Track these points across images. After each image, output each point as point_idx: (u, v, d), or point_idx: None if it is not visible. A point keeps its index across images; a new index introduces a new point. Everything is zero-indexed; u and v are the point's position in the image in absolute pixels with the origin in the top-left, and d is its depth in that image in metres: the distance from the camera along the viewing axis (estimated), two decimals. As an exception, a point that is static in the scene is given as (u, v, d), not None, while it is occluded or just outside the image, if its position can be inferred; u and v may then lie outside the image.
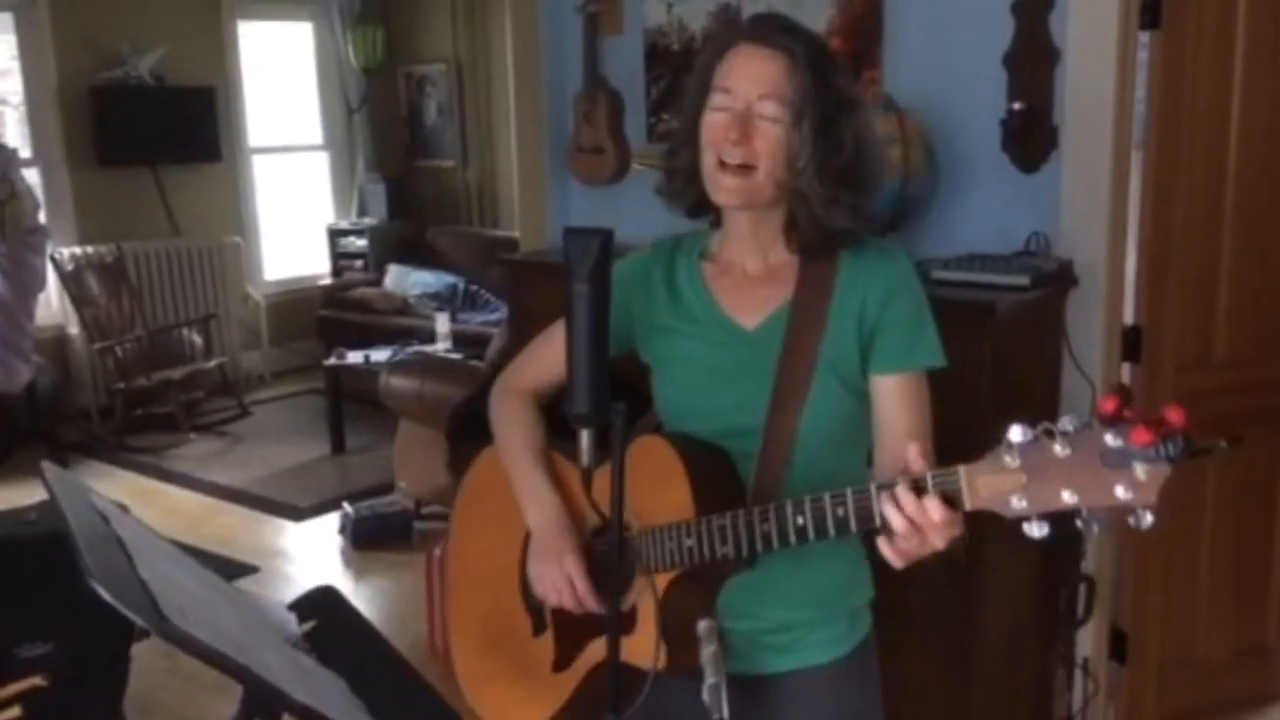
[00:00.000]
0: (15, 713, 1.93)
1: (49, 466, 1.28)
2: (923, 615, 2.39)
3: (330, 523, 4.92)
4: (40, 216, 5.40)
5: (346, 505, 4.81)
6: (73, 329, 6.58)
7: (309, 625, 1.37)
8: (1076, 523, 1.09)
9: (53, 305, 6.53)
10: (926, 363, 1.51)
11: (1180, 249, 2.84)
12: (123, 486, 5.37)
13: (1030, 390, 2.72)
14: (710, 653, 1.31)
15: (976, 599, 2.52)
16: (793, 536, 1.33)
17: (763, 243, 1.55)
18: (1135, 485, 1.04)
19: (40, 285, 5.47)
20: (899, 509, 1.20)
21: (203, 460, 5.97)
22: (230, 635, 1.11)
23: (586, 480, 1.36)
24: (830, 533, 1.30)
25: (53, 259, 6.08)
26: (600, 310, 1.31)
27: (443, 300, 6.99)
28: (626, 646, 1.45)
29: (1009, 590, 2.69)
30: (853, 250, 1.52)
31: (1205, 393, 2.91)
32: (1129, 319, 2.85)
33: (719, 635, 1.37)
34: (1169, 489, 2.92)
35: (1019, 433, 1.11)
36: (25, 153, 6.28)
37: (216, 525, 4.99)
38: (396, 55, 8.06)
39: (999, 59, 2.77)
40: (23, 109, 6.54)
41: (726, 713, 1.27)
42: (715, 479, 1.47)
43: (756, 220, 1.53)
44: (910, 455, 1.23)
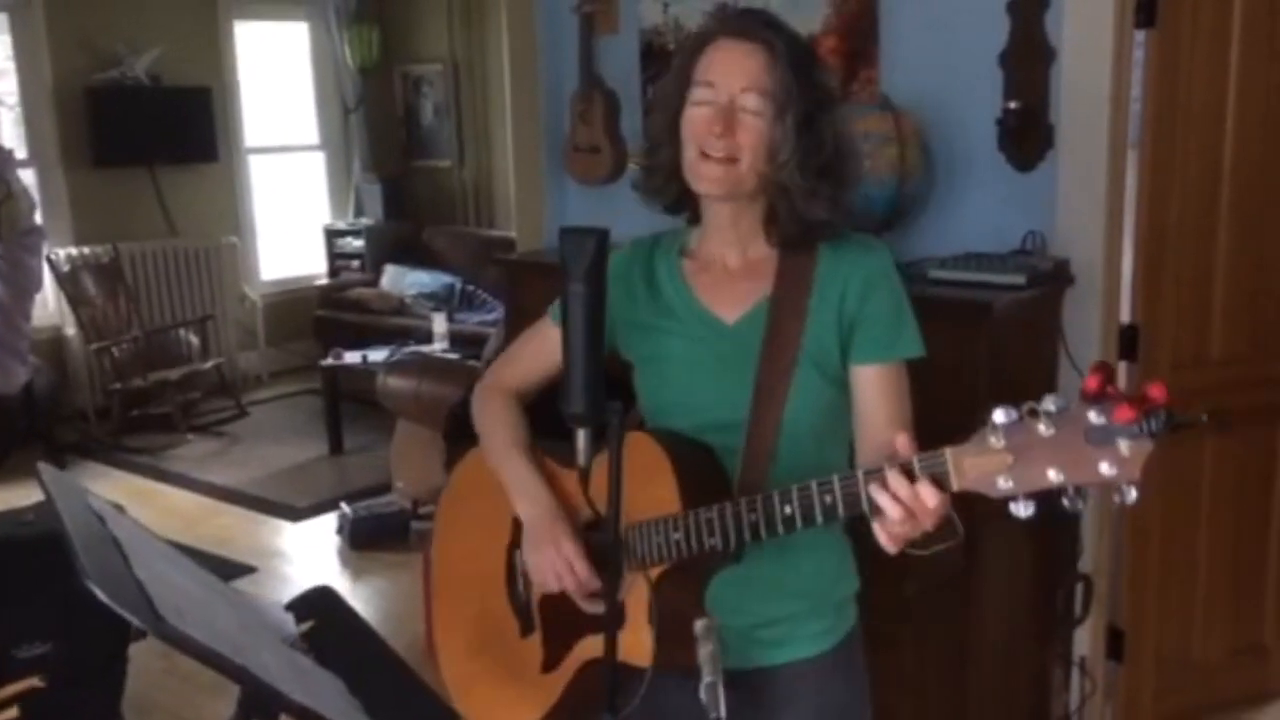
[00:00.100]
0: (13, 714, 1.93)
1: (45, 468, 1.28)
2: (920, 614, 2.39)
3: (328, 523, 4.91)
4: (36, 217, 5.37)
5: (344, 505, 4.81)
6: (69, 330, 6.58)
7: (306, 625, 1.37)
8: (1063, 501, 1.10)
9: (49, 306, 6.52)
10: (907, 353, 1.53)
11: (1176, 247, 2.84)
12: (120, 487, 5.37)
13: (1027, 389, 2.70)
14: (708, 652, 1.31)
15: (974, 598, 2.52)
16: (780, 526, 1.34)
17: (742, 236, 1.56)
18: (1119, 462, 1.05)
19: (37, 286, 5.43)
20: (892, 495, 1.21)
21: (200, 461, 5.96)
22: (227, 636, 1.11)
23: (584, 479, 1.36)
24: (818, 520, 1.31)
25: (49, 260, 6.07)
26: (596, 310, 1.31)
27: (439, 300, 6.99)
28: (620, 643, 1.45)
29: (1006, 590, 2.69)
30: (831, 244, 1.53)
31: (1201, 390, 2.91)
32: (1125, 317, 2.85)
33: (716, 634, 1.37)
34: (1168, 487, 2.90)
35: (1003, 414, 1.12)
36: (21, 153, 6.27)
37: (213, 526, 4.99)
38: (392, 55, 8.06)
39: (995, 58, 2.77)
40: (18, 109, 6.53)
41: (724, 711, 1.27)
42: (701, 474, 1.48)
43: (737, 213, 1.54)
44: (899, 442, 1.24)
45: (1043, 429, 1.09)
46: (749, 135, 1.45)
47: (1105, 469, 1.05)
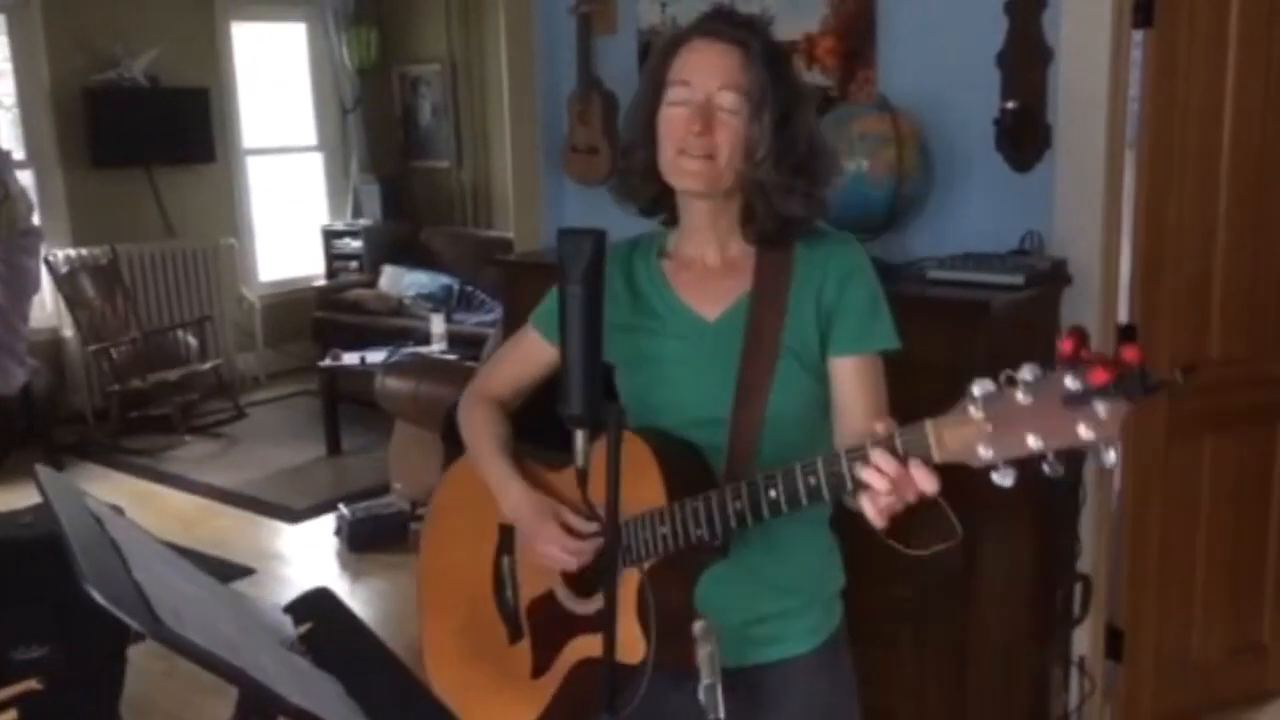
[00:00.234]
0: (12, 716, 1.93)
1: (43, 469, 1.28)
2: (920, 614, 2.39)
3: (326, 524, 4.91)
4: (34, 219, 5.40)
5: (342, 507, 4.81)
6: (67, 331, 6.57)
7: (305, 627, 1.37)
8: (1044, 467, 1.10)
9: (47, 307, 6.51)
10: (883, 345, 1.54)
11: (1174, 247, 2.84)
12: (118, 489, 5.36)
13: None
14: (706, 653, 1.31)
15: (973, 598, 2.52)
16: (766, 510, 1.35)
17: (721, 234, 1.58)
18: (1097, 424, 1.06)
19: (35, 287, 5.47)
20: (876, 469, 1.22)
21: (198, 462, 5.96)
22: (225, 638, 1.11)
23: (583, 480, 1.36)
24: (803, 502, 1.32)
25: (47, 261, 6.07)
26: (594, 311, 1.31)
27: (438, 301, 6.99)
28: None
29: (1005, 589, 2.69)
30: (807, 240, 1.56)
31: (1200, 390, 2.91)
32: (1123, 317, 2.86)
33: (715, 636, 1.37)
34: (1168, 487, 2.90)
35: (981, 385, 1.13)
36: (19, 154, 6.27)
37: (212, 527, 4.99)
38: (391, 56, 8.06)
39: (992, 58, 2.77)
40: (16, 111, 6.52)
41: (722, 713, 1.27)
42: (687, 470, 1.49)
43: (714, 211, 1.55)
44: (879, 425, 1.26)
45: (1020, 397, 1.10)
46: (726, 133, 1.47)
47: (1083, 432, 1.06)
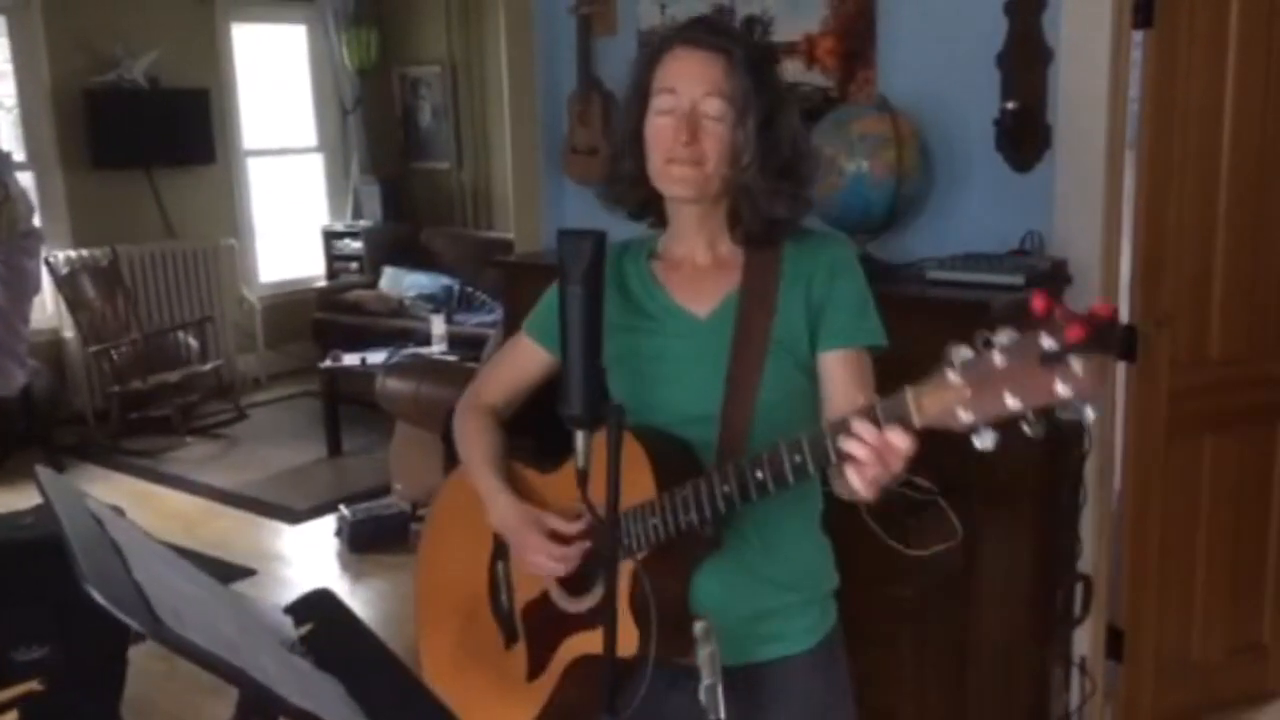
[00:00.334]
0: (12, 716, 1.93)
1: (44, 470, 1.28)
2: (920, 615, 2.39)
3: (327, 525, 4.91)
4: (35, 220, 5.40)
5: (343, 508, 4.81)
6: (68, 332, 6.57)
7: (306, 628, 1.37)
8: (1024, 427, 1.11)
9: (48, 309, 6.52)
10: (871, 341, 1.56)
11: (1174, 247, 2.84)
12: (119, 490, 5.36)
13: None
14: (707, 653, 1.31)
15: (974, 598, 2.52)
16: (753, 491, 1.36)
17: (710, 235, 1.60)
18: (1073, 380, 1.06)
19: (35, 289, 5.47)
20: (858, 439, 1.22)
21: (199, 463, 5.96)
22: (226, 638, 1.11)
23: (583, 480, 1.36)
24: (789, 479, 1.33)
25: (47, 262, 6.07)
26: (594, 311, 1.32)
27: (438, 302, 6.98)
28: (599, 638, 1.46)
29: (1006, 590, 2.69)
30: (795, 239, 1.58)
31: (1200, 390, 2.91)
32: (1124, 318, 2.85)
33: (715, 636, 1.37)
34: (1168, 487, 2.88)
35: (960, 351, 1.14)
36: (19, 156, 6.27)
37: (212, 528, 4.99)
38: (391, 57, 8.06)
39: (992, 58, 2.77)
40: (16, 112, 6.53)
41: (723, 713, 1.27)
42: (678, 465, 1.49)
43: (703, 214, 1.57)
44: (860, 398, 1.28)
45: (998, 359, 1.10)
46: (712, 141, 1.49)
47: (1060, 389, 1.06)
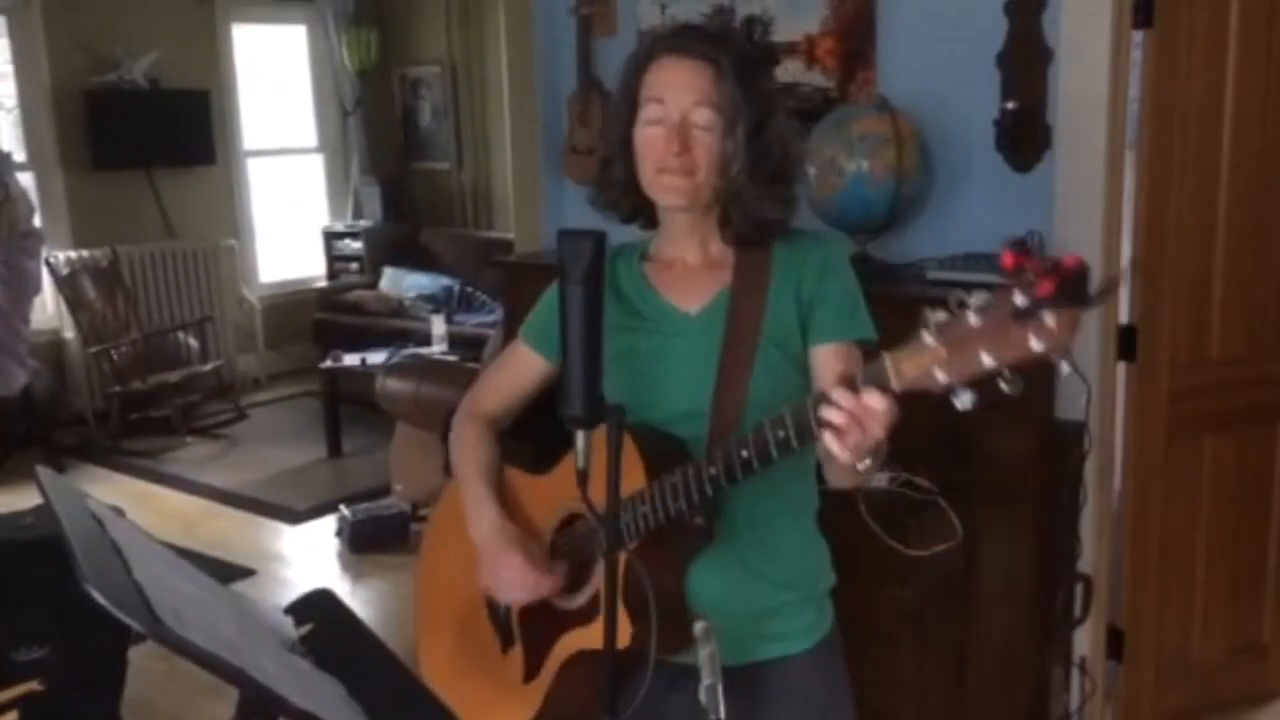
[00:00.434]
0: (13, 717, 1.93)
1: (44, 471, 1.28)
2: (920, 615, 2.39)
3: (327, 525, 4.91)
4: (35, 220, 5.40)
5: (343, 508, 4.80)
6: (68, 333, 6.57)
7: (306, 629, 1.37)
8: (1001, 385, 1.11)
9: (48, 309, 6.52)
10: (862, 335, 1.56)
11: (1174, 247, 2.84)
12: (119, 490, 5.36)
13: (1025, 390, 2.72)
14: (707, 653, 1.31)
15: (974, 599, 2.52)
16: (739, 470, 1.37)
17: (701, 237, 1.61)
18: (1048, 334, 1.06)
19: (35, 289, 5.47)
20: (837, 405, 1.23)
21: (199, 463, 5.96)
22: (226, 639, 1.11)
23: (583, 480, 1.36)
24: (773, 455, 1.33)
25: (48, 263, 6.07)
26: (594, 312, 1.32)
27: (438, 302, 6.98)
28: (594, 634, 1.47)
29: (1006, 590, 2.69)
30: (785, 239, 1.59)
31: (1200, 390, 2.92)
32: (1124, 318, 2.86)
33: (715, 636, 1.37)
34: (1168, 487, 2.88)
35: (935, 314, 1.14)
36: (19, 156, 6.27)
37: (212, 529, 4.99)
38: (391, 57, 8.06)
39: (992, 59, 2.77)
40: (16, 112, 6.53)
41: (723, 713, 1.27)
42: (670, 460, 1.50)
43: (694, 219, 1.59)
44: (838, 367, 1.28)
45: (972, 319, 1.11)
46: (703, 151, 1.50)
47: (1034, 343, 1.07)
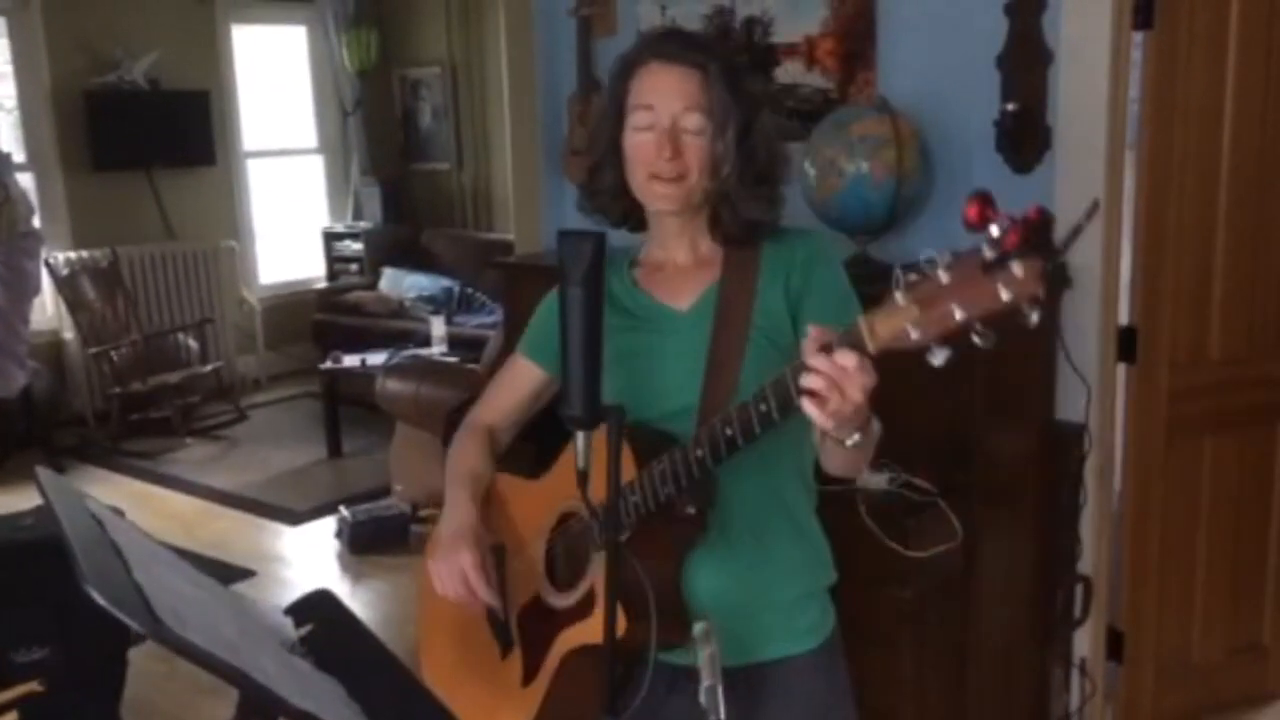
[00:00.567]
0: (12, 718, 1.94)
1: (44, 472, 1.28)
2: (920, 616, 2.39)
3: (327, 526, 4.91)
4: (35, 221, 5.39)
5: (343, 509, 4.81)
6: (68, 334, 6.57)
7: (306, 629, 1.37)
8: (974, 339, 1.11)
9: (48, 310, 6.52)
10: None
11: (1174, 249, 2.84)
12: (119, 491, 5.36)
13: (1025, 391, 2.72)
14: (707, 655, 1.31)
15: (974, 600, 2.52)
16: (724, 448, 1.37)
17: (691, 238, 1.63)
18: (1015, 283, 1.07)
19: (35, 290, 5.45)
20: (814, 370, 1.22)
21: (199, 464, 5.96)
22: (226, 639, 1.11)
23: (583, 481, 1.36)
24: (757, 431, 1.33)
25: (47, 264, 6.07)
26: (593, 313, 1.32)
27: (438, 303, 6.99)
28: (589, 629, 1.48)
29: (1006, 591, 2.69)
30: (773, 237, 1.61)
31: (1200, 391, 2.92)
32: (1124, 319, 2.86)
33: (716, 637, 1.37)
34: (1168, 488, 2.88)
35: (906, 275, 1.14)
36: (19, 157, 6.26)
37: (212, 530, 4.99)
38: (391, 58, 8.06)
39: (992, 60, 2.77)
40: (16, 113, 6.53)
41: (723, 714, 1.27)
42: (658, 453, 1.49)
43: (684, 222, 1.61)
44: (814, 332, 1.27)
45: (943, 275, 1.11)
46: (694, 154, 1.52)
47: (1004, 293, 1.07)
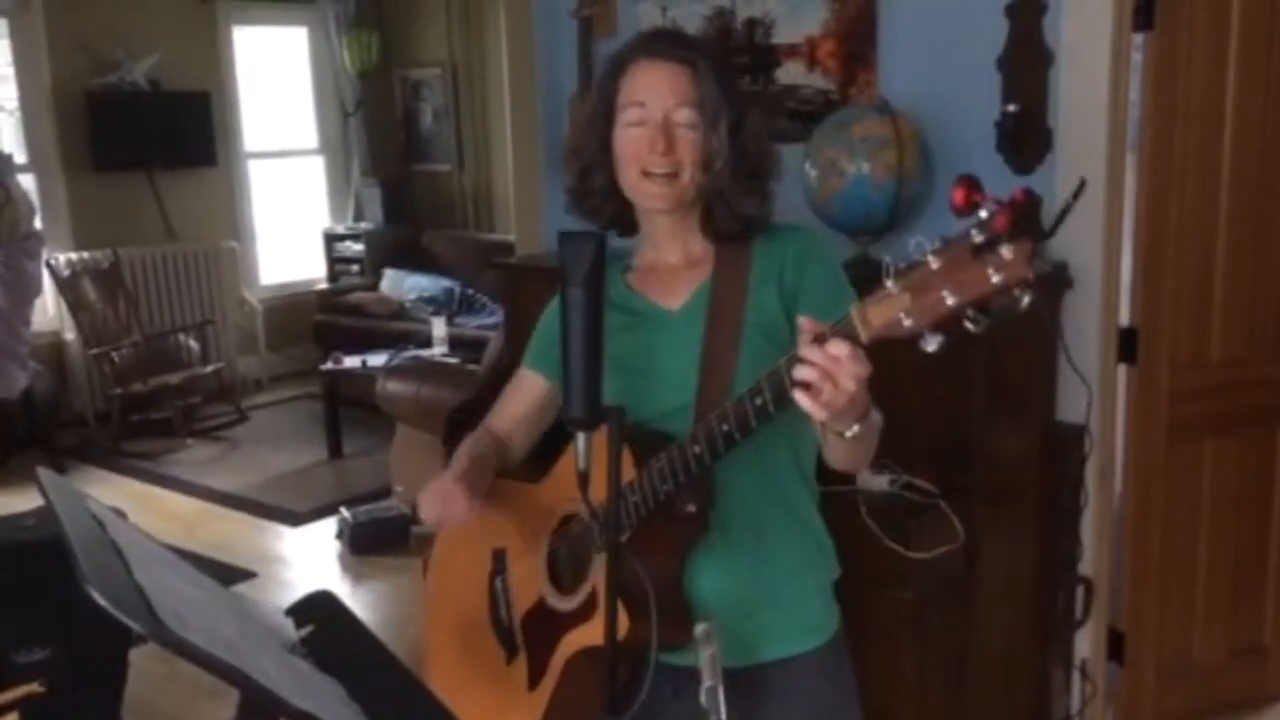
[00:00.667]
0: (13, 719, 1.93)
1: (45, 472, 1.28)
2: (921, 617, 2.39)
3: (327, 527, 4.91)
4: (36, 222, 5.40)
5: (344, 510, 4.81)
6: (69, 335, 6.58)
7: (306, 630, 1.37)
8: (967, 325, 1.11)
9: (49, 311, 6.52)
10: None
11: (1175, 250, 2.84)
12: (120, 492, 5.37)
13: (1025, 392, 2.72)
14: (708, 655, 1.31)
15: (974, 601, 2.52)
16: (721, 444, 1.37)
17: (682, 237, 1.63)
18: (1005, 266, 1.07)
19: (36, 291, 5.46)
20: (807, 361, 1.23)
21: (200, 465, 5.96)
22: (227, 640, 1.11)
23: (583, 482, 1.36)
24: (753, 424, 1.34)
25: (48, 265, 6.07)
26: (594, 314, 1.32)
27: (439, 304, 6.99)
28: (593, 631, 1.48)
29: (1006, 592, 2.69)
30: (764, 235, 1.61)
31: (1201, 392, 2.91)
32: (1124, 320, 2.85)
33: (717, 638, 1.37)
34: (1168, 489, 2.88)
35: (896, 265, 1.14)
36: (20, 158, 6.27)
37: (213, 531, 4.99)
38: (392, 59, 8.06)
39: (993, 61, 2.77)
40: (18, 114, 6.53)
41: (724, 715, 1.27)
42: (655, 452, 1.49)
43: (676, 220, 1.61)
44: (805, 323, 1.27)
45: (932, 262, 1.11)
46: (687, 149, 1.53)
47: (994, 277, 1.07)
